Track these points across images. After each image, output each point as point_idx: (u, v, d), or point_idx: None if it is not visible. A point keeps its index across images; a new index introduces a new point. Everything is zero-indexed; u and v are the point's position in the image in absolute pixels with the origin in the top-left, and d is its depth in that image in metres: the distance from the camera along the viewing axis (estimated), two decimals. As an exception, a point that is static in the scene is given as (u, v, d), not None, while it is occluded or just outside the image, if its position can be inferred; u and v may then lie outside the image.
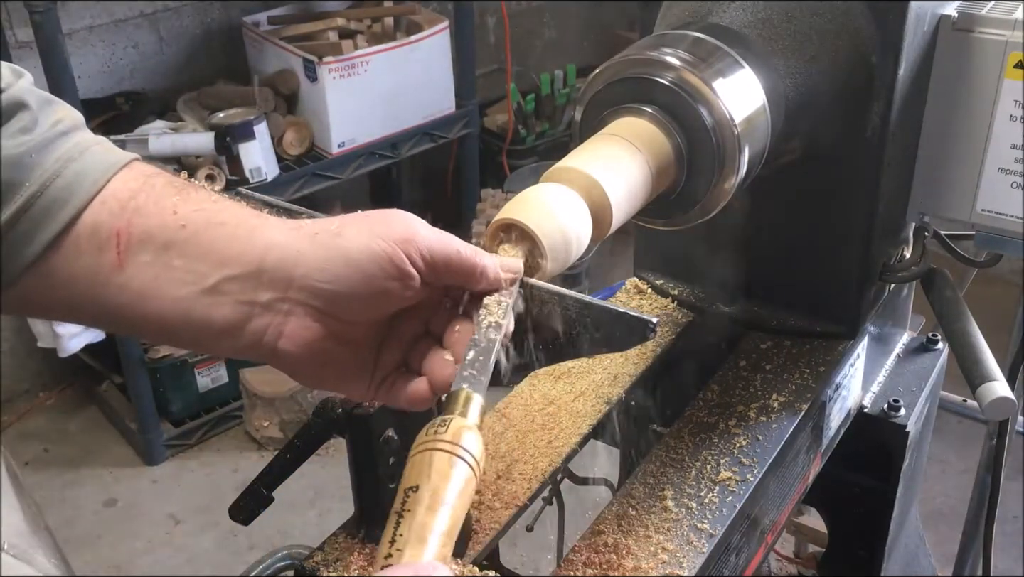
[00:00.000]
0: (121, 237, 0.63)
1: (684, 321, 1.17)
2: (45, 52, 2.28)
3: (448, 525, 0.56)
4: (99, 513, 2.72)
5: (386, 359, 0.71)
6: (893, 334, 1.31)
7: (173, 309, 0.65)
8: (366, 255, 0.64)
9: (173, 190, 0.66)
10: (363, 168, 2.99)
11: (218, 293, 0.65)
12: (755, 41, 0.94)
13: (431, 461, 0.58)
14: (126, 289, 0.64)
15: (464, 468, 0.58)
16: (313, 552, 0.90)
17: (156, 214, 0.64)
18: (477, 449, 0.59)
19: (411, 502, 0.56)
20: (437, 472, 0.57)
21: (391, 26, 2.97)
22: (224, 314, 0.65)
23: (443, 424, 0.60)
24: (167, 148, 2.62)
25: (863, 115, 1.01)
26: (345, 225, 0.66)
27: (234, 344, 0.66)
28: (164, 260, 0.64)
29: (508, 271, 0.70)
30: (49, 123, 0.65)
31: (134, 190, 0.65)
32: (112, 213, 0.64)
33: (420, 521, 0.55)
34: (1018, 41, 1.00)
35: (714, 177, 0.88)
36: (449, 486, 0.57)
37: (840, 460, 1.19)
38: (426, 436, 0.59)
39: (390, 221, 0.66)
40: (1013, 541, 2.43)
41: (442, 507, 0.56)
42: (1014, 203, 1.06)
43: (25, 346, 3.00)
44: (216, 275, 0.64)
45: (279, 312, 0.65)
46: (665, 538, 0.89)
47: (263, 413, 2.86)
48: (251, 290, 0.65)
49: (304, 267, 0.64)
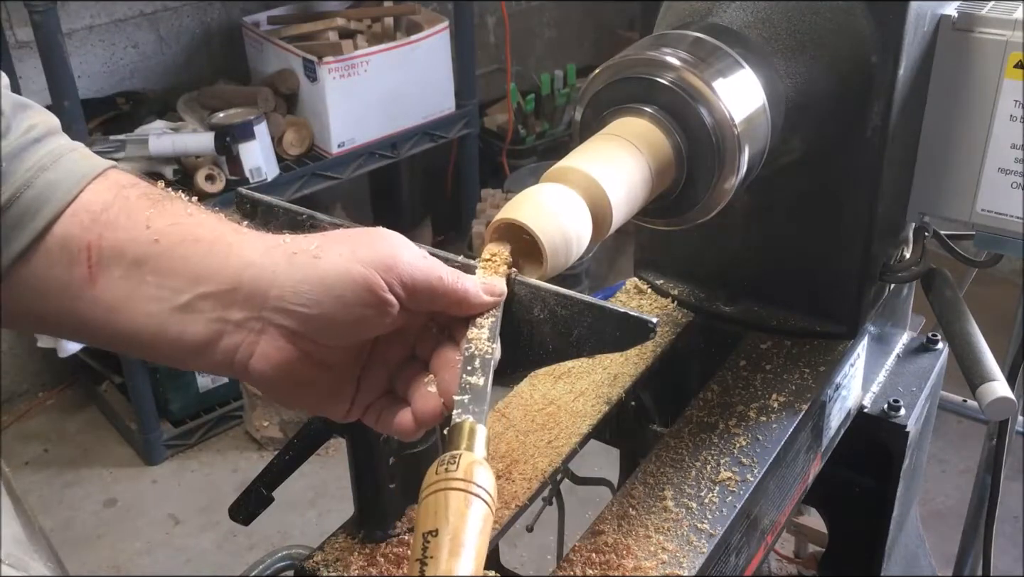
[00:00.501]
0: (92, 251, 0.62)
1: (684, 321, 1.17)
2: (45, 52, 2.28)
3: (472, 568, 0.54)
4: (99, 513, 2.72)
5: (370, 383, 0.69)
6: (893, 334, 1.31)
7: (145, 324, 0.63)
8: (343, 280, 0.62)
9: (148, 203, 0.64)
10: (363, 168, 2.99)
11: (191, 310, 0.63)
12: (755, 41, 0.94)
13: (447, 502, 0.56)
14: (98, 303, 0.63)
15: (481, 506, 0.56)
16: (313, 552, 0.90)
17: (128, 228, 0.63)
18: (490, 484, 0.58)
19: (432, 548, 0.54)
20: (455, 513, 0.55)
21: (391, 26, 2.97)
22: (196, 331, 0.64)
23: (452, 461, 0.58)
24: (167, 148, 2.62)
25: (863, 115, 1.01)
26: (325, 246, 0.64)
27: (207, 361, 0.65)
28: (137, 276, 0.63)
29: (491, 294, 0.69)
30: (22, 129, 0.63)
31: (107, 202, 0.63)
32: (83, 226, 0.62)
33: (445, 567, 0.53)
34: (1018, 41, 1.00)
35: (714, 177, 0.88)
36: (468, 527, 0.55)
37: (840, 460, 1.19)
38: (437, 475, 0.58)
39: (373, 244, 0.64)
40: (1013, 541, 2.43)
41: (464, 550, 0.54)
42: (1014, 203, 1.06)
43: (25, 346, 3.00)
44: (190, 292, 0.63)
45: (251, 331, 0.64)
46: (665, 538, 0.89)
47: (263, 413, 2.86)
48: (224, 308, 0.63)
49: (279, 288, 0.63)
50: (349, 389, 0.69)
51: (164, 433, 2.86)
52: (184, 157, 2.66)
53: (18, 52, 2.74)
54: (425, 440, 0.87)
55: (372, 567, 0.83)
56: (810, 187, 1.07)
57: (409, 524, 0.89)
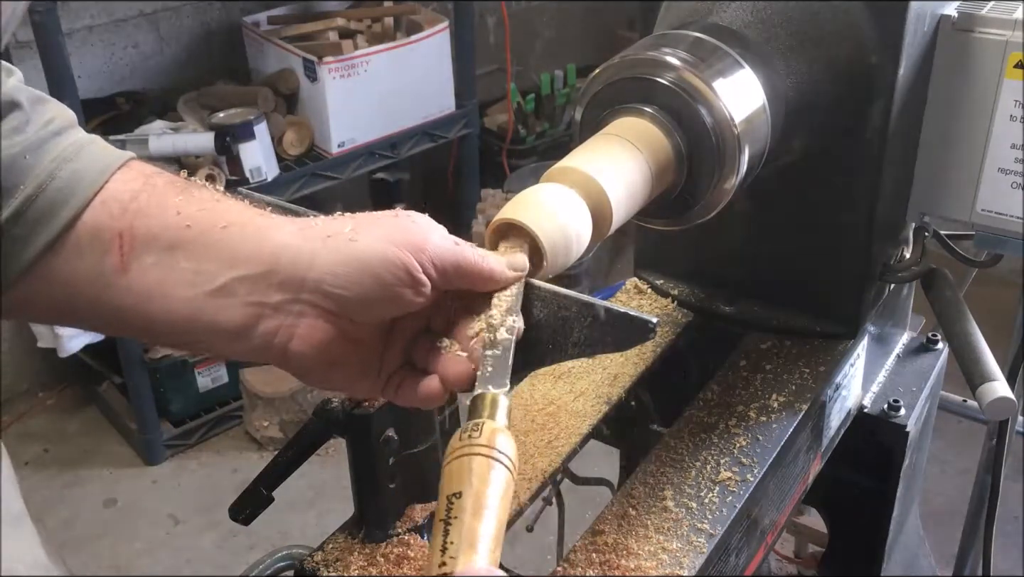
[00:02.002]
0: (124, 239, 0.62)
1: (684, 321, 1.17)
2: (45, 52, 2.28)
3: (495, 529, 0.56)
4: (99, 513, 2.72)
5: (391, 357, 0.71)
6: (893, 334, 1.31)
7: (180, 311, 0.64)
8: (381, 262, 0.64)
9: (175, 190, 0.65)
10: (363, 168, 2.99)
11: (227, 294, 0.64)
12: (755, 41, 0.94)
13: (471, 466, 0.58)
14: (130, 291, 0.63)
15: (502, 471, 0.58)
16: (313, 552, 0.90)
17: (159, 215, 0.63)
18: (512, 451, 0.60)
19: (456, 509, 0.56)
20: (478, 477, 0.57)
21: (391, 26, 2.97)
22: (233, 316, 0.64)
23: (476, 428, 0.60)
24: (167, 148, 2.62)
25: (863, 115, 1.01)
26: (359, 229, 0.65)
27: (243, 346, 0.66)
28: (170, 261, 0.63)
29: (515, 269, 0.70)
30: (42, 122, 0.63)
31: (135, 191, 0.64)
32: (113, 215, 0.63)
33: (468, 527, 0.55)
34: (1018, 41, 1.00)
35: (714, 177, 0.88)
36: (490, 490, 0.57)
37: (840, 460, 1.19)
38: (460, 442, 0.59)
39: (405, 227, 0.66)
40: (1013, 541, 2.43)
41: (487, 511, 0.56)
42: (1014, 203, 1.06)
43: (25, 346, 3.00)
44: (225, 276, 0.64)
45: (290, 313, 0.65)
46: (665, 538, 0.89)
47: (263, 413, 2.86)
48: (261, 291, 0.64)
49: (317, 270, 0.64)
50: (376, 365, 0.70)
51: (164, 433, 2.86)
52: (184, 157, 2.66)
53: (18, 52, 2.74)
54: (425, 440, 0.88)
55: (372, 567, 0.83)
56: (810, 187, 1.07)
57: (409, 524, 0.89)
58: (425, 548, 0.81)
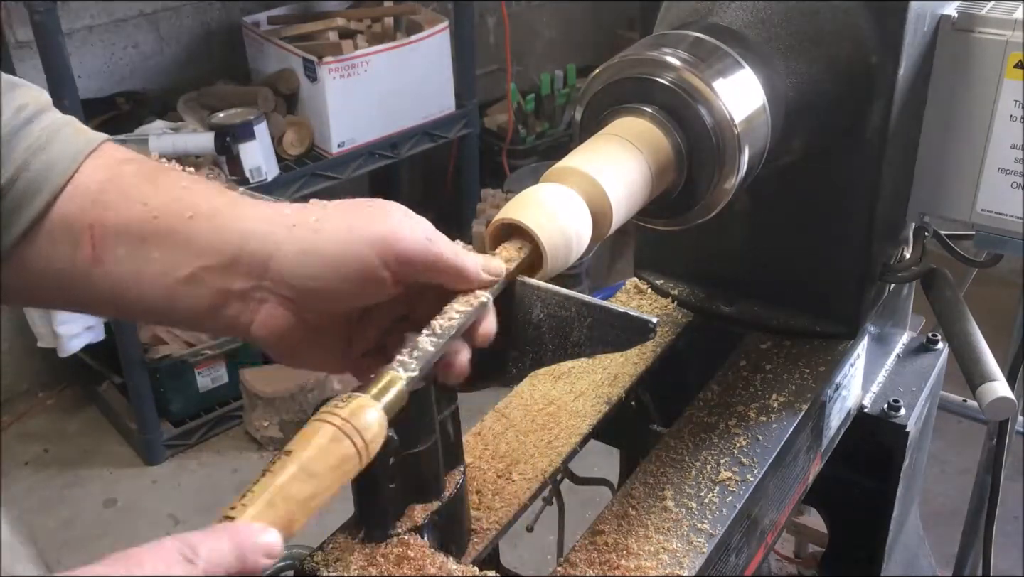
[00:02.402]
0: (95, 232, 0.64)
1: (684, 321, 1.17)
2: (45, 52, 2.28)
3: (307, 494, 0.55)
4: (99, 513, 2.72)
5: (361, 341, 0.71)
6: (893, 334, 1.31)
7: (152, 297, 0.66)
8: (343, 255, 0.64)
9: (143, 179, 0.66)
10: (363, 168, 2.99)
11: (195, 283, 0.66)
12: (755, 41, 0.94)
13: (316, 431, 0.58)
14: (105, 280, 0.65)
15: (347, 446, 0.58)
16: (313, 552, 0.89)
17: (127, 207, 0.64)
18: (371, 432, 0.59)
19: (278, 465, 0.56)
20: (316, 444, 0.57)
21: (391, 26, 2.97)
22: (200, 301, 0.66)
23: (346, 400, 0.60)
24: (167, 148, 2.62)
25: (863, 115, 1.01)
26: (325, 219, 0.66)
27: (212, 325, 0.68)
28: (141, 253, 0.65)
29: (490, 273, 0.70)
30: (13, 109, 0.64)
31: (102, 181, 0.65)
32: (82, 208, 0.64)
33: (278, 484, 0.55)
34: (1018, 41, 1.00)
35: (714, 177, 0.88)
36: (322, 460, 0.57)
37: (840, 460, 1.19)
38: (325, 407, 0.60)
39: (372, 218, 0.66)
40: (1013, 541, 2.43)
41: (308, 478, 0.56)
42: (1014, 203, 1.06)
43: (25, 346, 3.00)
44: (192, 265, 0.65)
45: (252, 300, 0.66)
46: (665, 538, 0.89)
47: (263, 413, 2.86)
48: (226, 279, 0.66)
49: (278, 260, 0.65)
50: (341, 348, 0.71)
51: (164, 433, 2.86)
52: (184, 157, 2.66)
53: (18, 52, 2.74)
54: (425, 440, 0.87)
55: (372, 567, 0.83)
56: (810, 187, 1.07)
57: (409, 524, 0.89)
58: (425, 548, 0.81)
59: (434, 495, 0.83)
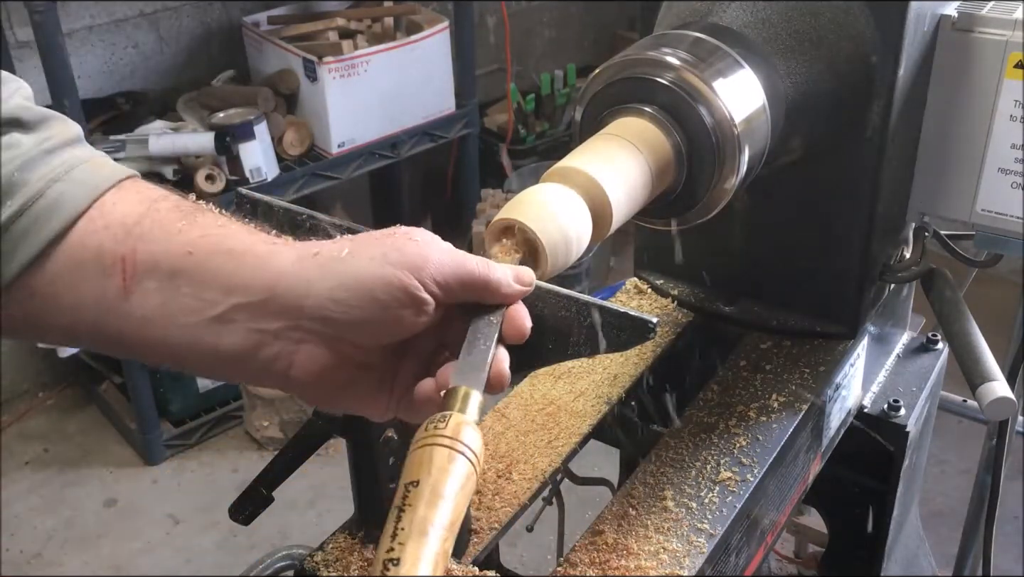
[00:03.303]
0: (127, 263, 0.63)
1: (684, 321, 1.17)
2: (45, 52, 2.28)
3: (449, 519, 0.56)
4: (99, 513, 2.71)
5: (404, 378, 0.70)
6: (893, 334, 1.31)
7: (180, 336, 0.64)
8: (379, 284, 0.63)
9: (179, 214, 0.65)
10: (363, 168, 2.98)
11: (227, 321, 0.64)
12: (755, 41, 0.94)
13: (431, 456, 0.58)
14: (132, 316, 0.63)
15: (464, 463, 0.58)
16: (313, 552, 0.90)
17: (161, 240, 0.64)
18: (477, 444, 0.59)
19: (412, 497, 0.56)
20: (437, 467, 0.57)
21: (391, 26, 2.97)
22: (233, 342, 0.64)
23: (443, 420, 0.60)
24: (167, 148, 2.62)
25: (863, 115, 1.01)
26: (356, 251, 0.65)
27: (245, 371, 0.66)
28: (171, 288, 0.63)
29: (522, 283, 0.69)
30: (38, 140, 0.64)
31: (139, 215, 0.64)
32: (117, 239, 0.63)
33: (421, 516, 0.55)
34: (1018, 41, 1.00)
35: (714, 177, 0.88)
36: (449, 480, 0.57)
37: (840, 460, 1.19)
38: (425, 432, 0.59)
39: (401, 246, 0.65)
40: (1013, 541, 2.43)
41: (442, 501, 0.56)
42: (1014, 203, 1.06)
43: (25, 346, 3.00)
44: (224, 303, 0.64)
45: (290, 340, 0.65)
46: (665, 538, 0.89)
47: (263, 413, 2.86)
48: (261, 319, 0.64)
49: (315, 296, 0.63)
50: (387, 387, 0.70)
51: (164, 433, 2.86)
52: (184, 157, 2.66)
53: (18, 52, 2.74)
54: (425, 440, 0.87)
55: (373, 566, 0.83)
56: (810, 187, 1.07)
57: (409, 524, 0.89)
58: (425, 548, 0.81)
59: (434, 495, 0.82)
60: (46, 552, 2.60)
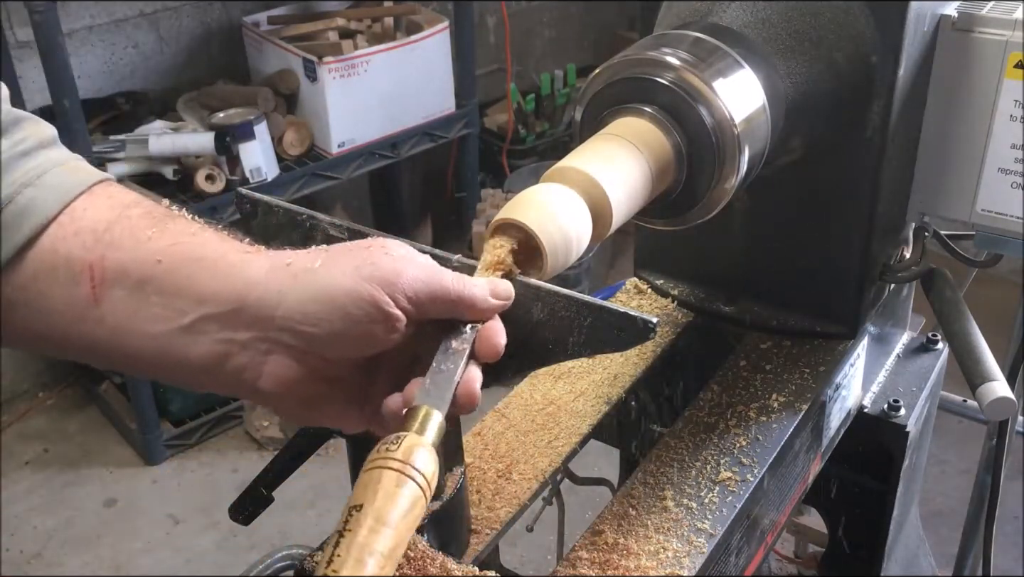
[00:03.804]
0: (95, 271, 0.62)
1: (684, 321, 1.17)
2: (45, 52, 2.28)
3: (389, 546, 0.54)
4: (99, 513, 2.72)
5: (377, 391, 0.68)
6: (893, 334, 1.31)
7: (150, 346, 0.63)
8: (350, 298, 0.62)
9: (150, 221, 0.64)
10: (363, 168, 2.99)
11: (195, 331, 0.63)
12: (755, 41, 0.94)
13: (380, 479, 0.56)
14: (102, 324, 0.63)
15: (412, 488, 0.57)
16: (313, 552, 0.89)
17: (131, 248, 0.63)
18: (429, 469, 0.58)
19: (353, 522, 0.55)
20: (384, 492, 0.56)
21: (391, 26, 2.97)
22: (201, 352, 0.63)
23: (396, 441, 0.58)
24: (167, 148, 2.62)
25: (863, 115, 1.01)
26: (329, 263, 0.64)
27: (213, 380, 0.65)
28: (140, 296, 0.62)
29: (498, 297, 0.68)
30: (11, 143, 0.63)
31: (109, 221, 0.63)
32: (86, 247, 0.62)
33: (360, 542, 0.54)
34: (1018, 41, 1.00)
35: (714, 177, 0.88)
36: (394, 507, 0.55)
37: (840, 460, 1.19)
38: (377, 453, 0.58)
39: (377, 260, 0.64)
40: (1013, 541, 2.43)
41: (385, 529, 0.55)
42: (1014, 203, 1.06)
43: (25, 346, 3.00)
44: (193, 313, 0.63)
45: (258, 351, 0.64)
46: (665, 538, 0.89)
47: (263, 413, 2.86)
48: (229, 329, 0.63)
49: (285, 308, 0.62)
50: (359, 400, 0.69)
51: (164, 433, 2.86)
52: (184, 157, 2.66)
53: (18, 52, 2.74)
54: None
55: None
56: (810, 187, 1.07)
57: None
58: (426, 548, 0.81)
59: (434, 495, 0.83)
60: (46, 552, 2.60)
